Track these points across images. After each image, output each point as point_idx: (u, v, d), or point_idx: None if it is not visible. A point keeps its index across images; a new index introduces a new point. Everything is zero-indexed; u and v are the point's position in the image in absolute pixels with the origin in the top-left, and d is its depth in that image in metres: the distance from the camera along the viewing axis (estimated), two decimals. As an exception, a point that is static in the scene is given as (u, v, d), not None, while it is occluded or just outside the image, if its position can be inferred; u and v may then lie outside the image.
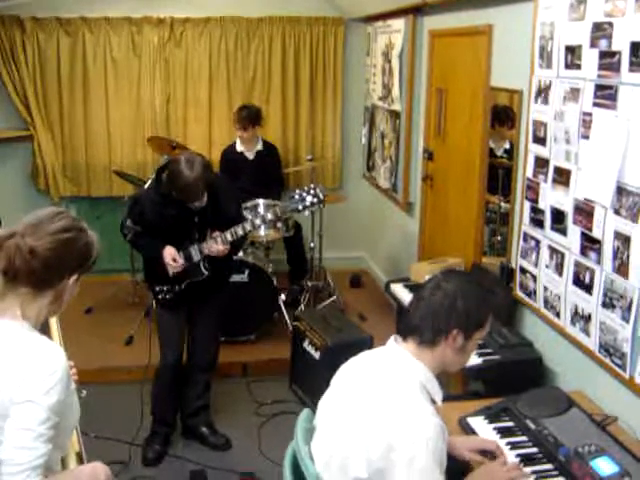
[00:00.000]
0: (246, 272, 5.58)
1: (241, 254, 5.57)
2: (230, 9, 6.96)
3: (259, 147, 6.54)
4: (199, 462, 4.33)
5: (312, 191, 4.36)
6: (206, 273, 4.26)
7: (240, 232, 4.26)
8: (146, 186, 4.85)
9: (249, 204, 5.85)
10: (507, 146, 4.29)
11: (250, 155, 6.52)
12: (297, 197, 4.37)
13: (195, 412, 4.57)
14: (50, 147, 6.99)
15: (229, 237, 4.22)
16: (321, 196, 4.38)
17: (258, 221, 4.53)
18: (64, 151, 7.07)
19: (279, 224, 5.90)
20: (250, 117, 6.31)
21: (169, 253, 4.15)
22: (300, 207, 4.37)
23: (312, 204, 4.38)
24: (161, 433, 4.48)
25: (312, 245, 6.27)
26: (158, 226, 4.15)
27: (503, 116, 4.33)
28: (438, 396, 2.26)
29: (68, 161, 7.10)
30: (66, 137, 7.04)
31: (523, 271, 3.90)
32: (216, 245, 4.18)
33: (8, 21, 6.65)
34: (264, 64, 7.11)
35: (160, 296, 4.30)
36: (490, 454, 2.54)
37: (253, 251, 5.95)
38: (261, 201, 5.91)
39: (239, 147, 6.52)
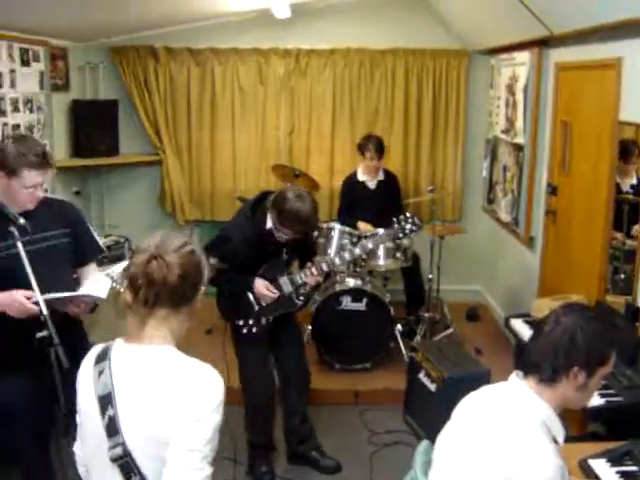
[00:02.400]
0: (364, 300, 5.63)
1: (360, 282, 5.63)
2: (355, 41, 7.07)
3: (381, 177, 6.59)
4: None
5: (410, 219, 4.60)
6: (299, 304, 4.33)
7: (338, 262, 4.41)
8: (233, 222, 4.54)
9: (369, 234, 5.90)
10: (634, 181, 4.18)
11: (372, 185, 6.57)
12: (396, 226, 4.60)
13: (304, 438, 4.60)
14: (177, 172, 7.26)
15: (325, 267, 4.31)
16: (419, 223, 4.64)
17: (358, 250, 4.62)
18: (191, 176, 7.34)
19: (398, 254, 5.94)
20: (382, 146, 6.40)
21: (262, 285, 4.20)
22: (400, 235, 4.67)
23: (411, 231, 4.63)
24: (266, 456, 4.49)
25: (430, 276, 6.25)
26: (251, 262, 4.20)
27: (630, 150, 4.23)
28: (560, 435, 2.20)
29: (195, 186, 7.36)
30: (193, 163, 7.31)
31: (649, 311, 3.78)
32: (313, 276, 4.27)
33: (143, 51, 7.00)
34: (387, 95, 7.18)
35: (245, 330, 4.25)
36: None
37: (371, 280, 5.98)
38: (381, 231, 5.93)
39: (361, 176, 6.58)
